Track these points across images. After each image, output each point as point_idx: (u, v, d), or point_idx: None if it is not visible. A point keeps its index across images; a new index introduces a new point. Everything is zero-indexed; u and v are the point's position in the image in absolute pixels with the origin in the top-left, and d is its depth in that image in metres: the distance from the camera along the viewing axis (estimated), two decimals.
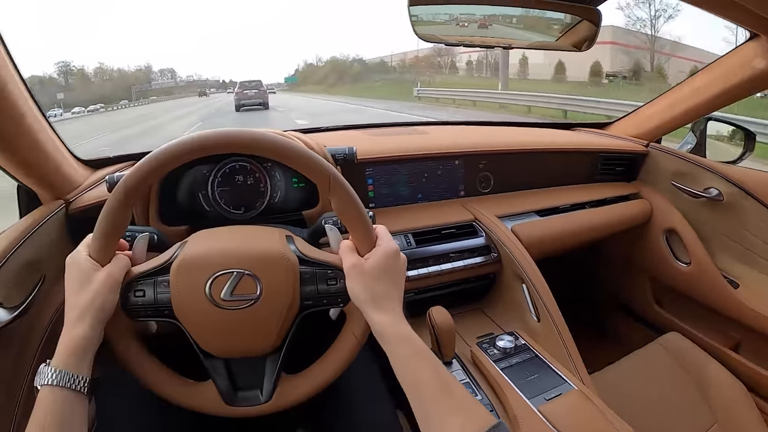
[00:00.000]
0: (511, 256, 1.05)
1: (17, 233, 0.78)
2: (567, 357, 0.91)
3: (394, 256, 0.60)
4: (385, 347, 0.55)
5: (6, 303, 0.70)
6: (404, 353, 0.54)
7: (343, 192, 0.59)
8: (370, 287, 0.57)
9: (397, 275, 0.61)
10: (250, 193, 0.95)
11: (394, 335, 0.55)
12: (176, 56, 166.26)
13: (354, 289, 0.58)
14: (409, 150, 1.17)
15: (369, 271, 0.58)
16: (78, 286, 0.55)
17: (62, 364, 0.50)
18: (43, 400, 0.48)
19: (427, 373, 0.52)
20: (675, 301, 1.42)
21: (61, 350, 0.52)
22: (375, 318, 0.56)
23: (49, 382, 0.49)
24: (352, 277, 0.58)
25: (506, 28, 1.01)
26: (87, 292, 0.54)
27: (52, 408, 0.48)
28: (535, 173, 1.32)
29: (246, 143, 0.58)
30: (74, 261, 0.57)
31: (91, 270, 0.55)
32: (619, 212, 1.33)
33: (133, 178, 0.56)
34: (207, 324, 0.58)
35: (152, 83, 66.12)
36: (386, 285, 0.58)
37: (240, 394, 0.63)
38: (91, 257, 0.57)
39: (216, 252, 0.60)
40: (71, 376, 0.50)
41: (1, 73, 0.66)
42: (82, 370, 0.51)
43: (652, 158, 1.42)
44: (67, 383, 0.49)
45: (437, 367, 0.52)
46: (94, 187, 1.01)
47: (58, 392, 0.49)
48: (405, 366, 0.53)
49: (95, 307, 0.54)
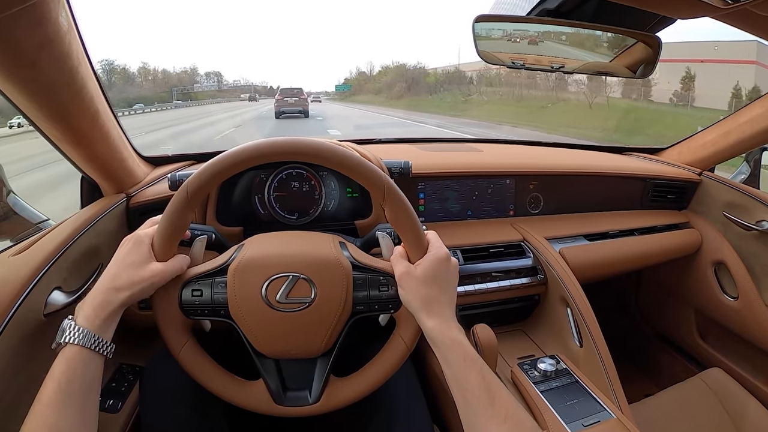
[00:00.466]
0: (558, 279, 1.05)
1: (79, 222, 0.83)
2: (608, 385, 0.91)
3: (445, 261, 0.61)
4: (436, 351, 0.57)
5: (65, 287, 0.75)
6: (454, 357, 0.55)
7: (397, 200, 0.61)
8: (420, 293, 0.59)
9: (448, 280, 0.62)
10: (304, 200, 0.99)
11: (444, 340, 0.56)
12: (223, 60, 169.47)
13: (406, 296, 0.60)
14: (462, 167, 1.18)
15: (420, 278, 0.59)
16: (130, 263, 0.57)
17: (91, 326, 0.52)
18: (66, 356, 0.50)
19: (475, 377, 0.53)
20: (719, 336, 1.38)
21: (90, 312, 0.53)
22: (427, 323, 0.58)
23: (76, 341, 0.51)
24: (403, 284, 0.60)
25: (557, 45, 1.01)
26: (135, 274, 0.57)
27: (73, 366, 0.50)
28: (585, 196, 1.31)
29: (306, 152, 0.60)
30: (137, 242, 0.59)
31: (149, 258, 0.59)
32: (668, 241, 1.31)
33: (196, 182, 0.59)
34: (261, 325, 0.61)
35: (194, 86, 66.96)
36: (437, 290, 0.59)
37: (289, 394, 0.65)
38: (152, 248, 0.60)
39: (273, 256, 0.62)
40: (97, 338, 0.52)
41: (81, 72, 0.70)
42: (108, 335, 0.54)
43: (705, 187, 1.39)
44: (93, 345, 0.51)
45: (485, 373, 0.53)
46: (154, 184, 1.06)
47: (84, 352, 0.51)
48: (454, 370, 0.54)
49: (135, 290, 0.57)
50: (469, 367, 0.53)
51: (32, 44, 0.55)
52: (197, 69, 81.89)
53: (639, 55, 0.98)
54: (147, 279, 0.57)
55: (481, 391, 0.51)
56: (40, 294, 0.69)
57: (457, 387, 0.54)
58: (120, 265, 0.58)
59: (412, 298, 0.59)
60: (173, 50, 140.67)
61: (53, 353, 0.73)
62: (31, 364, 0.66)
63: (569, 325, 1.03)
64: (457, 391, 0.54)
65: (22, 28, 0.52)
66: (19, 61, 0.56)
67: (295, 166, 0.99)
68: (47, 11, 0.54)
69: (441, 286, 0.60)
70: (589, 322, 0.99)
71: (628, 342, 1.62)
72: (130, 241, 0.60)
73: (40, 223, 0.94)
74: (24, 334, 0.65)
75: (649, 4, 0.64)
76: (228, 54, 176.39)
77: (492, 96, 31.09)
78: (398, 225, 0.62)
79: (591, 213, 1.31)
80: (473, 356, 0.54)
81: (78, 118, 0.75)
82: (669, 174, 1.39)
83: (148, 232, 0.61)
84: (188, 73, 76.55)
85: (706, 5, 0.55)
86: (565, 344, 1.03)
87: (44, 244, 0.75)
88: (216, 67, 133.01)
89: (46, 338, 0.70)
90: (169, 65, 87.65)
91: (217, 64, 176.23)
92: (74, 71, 0.67)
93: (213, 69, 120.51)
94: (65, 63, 0.64)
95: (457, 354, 0.54)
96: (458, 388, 0.54)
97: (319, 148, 0.60)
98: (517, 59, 1.02)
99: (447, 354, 0.55)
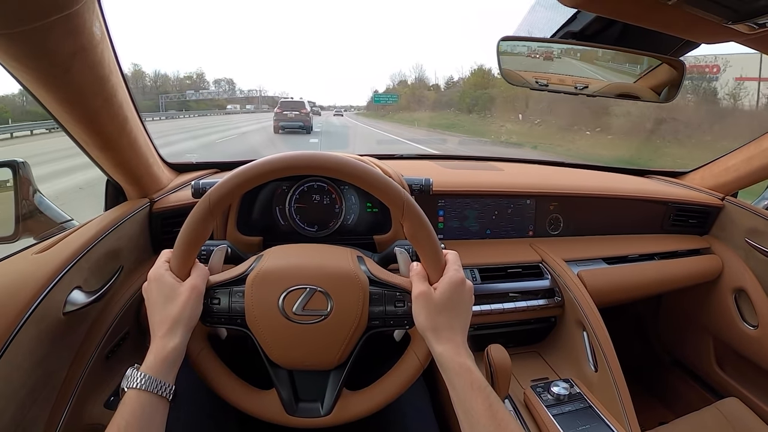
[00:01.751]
0: (575, 302, 1.05)
1: (103, 224, 0.85)
2: (621, 411, 0.91)
3: (460, 285, 0.62)
4: (444, 375, 0.58)
5: (85, 287, 0.77)
6: (461, 384, 0.55)
7: (415, 217, 0.62)
8: (433, 317, 0.59)
9: (463, 305, 0.62)
10: (324, 213, 1.01)
11: (453, 365, 0.56)
12: (240, 68, 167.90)
13: (419, 317, 0.61)
14: (483, 186, 1.20)
15: (435, 302, 0.60)
16: (165, 300, 0.59)
17: (153, 372, 0.55)
18: (129, 401, 0.52)
19: (481, 406, 0.53)
20: (737, 365, 1.37)
21: (151, 360, 0.56)
22: (437, 348, 0.58)
23: (137, 386, 0.53)
24: (418, 305, 0.61)
25: (581, 64, 1.02)
26: (175, 305, 0.59)
27: (136, 409, 0.52)
28: (605, 219, 1.32)
29: (327, 166, 0.62)
30: (157, 277, 0.61)
31: (176, 284, 0.60)
32: (688, 267, 1.31)
33: (218, 193, 0.61)
34: (277, 335, 0.62)
35: (200, 92, 61.43)
36: (450, 316, 0.60)
37: (301, 405, 0.66)
38: (171, 271, 0.61)
39: (291, 267, 0.64)
40: (159, 382, 0.54)
41: (112, 80, 0.72)
42: (169, 378, 0.56)
43: (727, 212, 1.38)
44: (155, 389, 0.54)
45: (492, 402, 0.53)
46: (177, 190, 1.09)
47: (145, 396, 0.53)
48: (461, 396, 0.55)
49: (185, 317, 0.59)
50: (475, 394, 0.54)
51: (66, 52, 0.58)
52: (204, 74, 76.16)
53: (663, 78, 0.98)
54: (186, 301, 0.59)
55: (486, 419, 0.52)
56: (61, 293, 0.71)
57: (463, 412, 0.54)
58: (156, 307, 0.60)
59: (424, 321, 0.60)
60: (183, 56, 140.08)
61: (71, 351, 0.76)
62: (48, 361, 0.69)
63: (585, 349, 1.03)
64: (462, 417, 0.54)
65: (57, 36, 0.54)
66: (54, 68, 0.59)
67: (316, 179, 1.00)
68: (82, 21, 0.56)
69: (455, 311, 0.61)
70: (605, 347, 0.99)
71: (643, 368, 1.61)
72: (151, 279, 0.61)
73: (64, 223, 0.97)
74: (43, 331, 0.67)
75: (674, 29, 0.64)
76: (245, 62, 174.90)
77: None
78: (416, 241, 0.63)
79: (611, 236, 1.32)
80: (481, 383, 0.55)
81: (107, 124, 0.77)
82: (691, 198, 1.38)
83: (161, 264, 0.62)
84: (193, 80, 71.05)
85: (731, 31, 0.55)
86: (579, 368, 1.04)
87: (67, 244, 0.78)
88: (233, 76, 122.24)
89: (65, 336, 0.73)
90: (174, 70, 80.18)
91: (232, 72, 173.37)
92: (105, 79, 0.69)
93: (224, 76, 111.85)
94: (97, 71, 0.66)
95: (465, 380, 0.55)
96: (464, 413, 0.54)
97: (339, 162, 0.62)
98: (540, 78, 1.03)
99: (454, 379, 0.56)
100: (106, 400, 0.82)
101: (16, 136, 14.96)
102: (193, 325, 0.60)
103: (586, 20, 0.89)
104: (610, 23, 0.88)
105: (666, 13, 0.55)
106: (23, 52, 0.55)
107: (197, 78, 72.65)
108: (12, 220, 0.88)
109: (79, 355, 0.77)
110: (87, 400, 0.78)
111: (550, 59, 1.00)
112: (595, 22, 0.88)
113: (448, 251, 0.66)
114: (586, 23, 0.90)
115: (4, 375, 0.60)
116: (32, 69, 0.59)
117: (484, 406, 0.52)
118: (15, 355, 0.62)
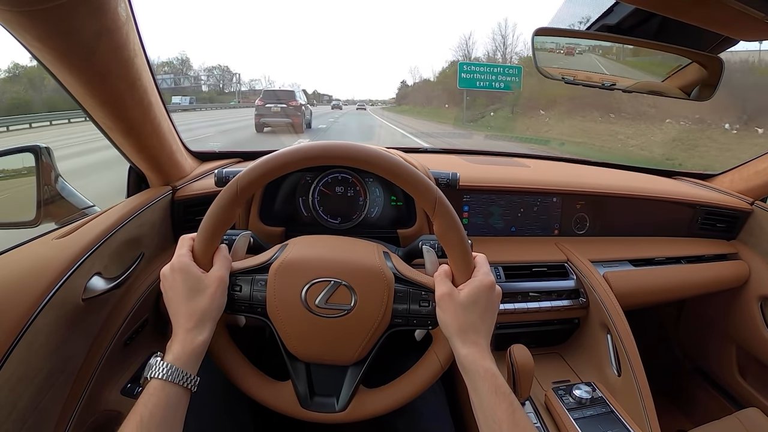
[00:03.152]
0: (601, 304, 1.04)
1: (124, 211, 0.85)
2: (644, 417, 0.90)
3: (489, 290, 0.61)
4: (467, 378, 0.57)
5: (105, 273, 0.78)
6: (484, 388, 0.54)
7: (447, 217, 0.61)
8: (459, 319, 0.59)
9: (489, 310, 0.61)
10: (348, 205, 1.00)
11: (477, 369, 0.56)
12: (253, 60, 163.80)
13: (443, 318, 0.60)
14: (509, 182, 1.19)
15: (461, 303, 0.59)
16: (190, 292, 0.58)
17: (179, 363, 0.54)
18: (154, 391, 0.52)
19: (503, 413, 0.52)
20: (760, 375, 1.36)
21: (179, 351, 0.55)
22: (460, 350, 0.58)
23: (162, 377, 0.52)
24: (443, 306, 0.60)
25: (609, 62, 1.01)
26: (203, 298, 0.58)
27: (160, 400, 0.51)
28: (632, 220, 1.30)
29: (358, 158, 0.61)
30: (183, 267, 0.59)
31: (202, 276, 0.59)
32: (714, 272, 1.29)
33: (247, 178, 0.60)
34: (297, 327, 0.61)
35: (180, 79, 48.74)
36: (476, 318, 0.59)
37: (316, 400, 0.66)
38: (194, 257, 0.61)
39: (316, 259, 0.63)
40: (185, 374, 0.54)
41: (137, 64, 0.71)
42: (194, 370, 0.56)
43: (756, 218, 1.36)
44: (180, 380, 0.53)
45: (515, 409, 0.53)
46: (200, 179, 1.09)
47: (170, 387, 0.52)
48: (482, 401, 0.54)
49: (213, 309, 0.59)
50: (500, 400, 0.53)
51: (90, 32, 0.57)
52: (189, 60, 59.28)
53: (694, 77, 0.97)
54: (213, 293, 0.59)
55: (508, 425, 0.51)
56: (81, 278, 0.72)
57: (484, 418, 0.54)
58: (181, 299, 0.59)
59: (449, 322, 0.59)
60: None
61: (89, 337, 0.77)
62: (66, 345, 0.69)
63: (608, 352, 1.02)
64: (483, 422, 0.54)
65: (81, 16, 0.54)
66: (77, 49, 0.59)
67: (341, 170, 1.00)
68: (106, 1, 0.56)
69: (481, 314, 0.60)
70: (629, 351, 0.98)
71: (663, 373, 1.59)
72: (175, 270, 0.60)
73: (85, 209, 0.97)
74: (62, 316, 0.67)
75: (714, 25, 0.64)
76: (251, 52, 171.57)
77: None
78: (446, 241, 0.62)
79: (637, 237, 1.30)
80: (505, 389, 0.54)
81: (131, 109, 0.77)
82: (720, 202, 1.36)
83: (184, 252, 0.61)
84: (174, 66, 55.03)
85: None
86: (602, 371, 1.03)
87: (88, 229, 0.78)
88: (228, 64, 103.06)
89: (83, 322, 0.74)
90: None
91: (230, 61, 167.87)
92: (130, 62, 0.69)
93: (217, 63, 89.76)
94: (122, 53, 0.66)
95: (489, 384, 0.54)
96: (485, 418, 0.53)
97: (371, 154, 0.61)
98: (567, 75, 1.02)
99: (478, 383, 0.55)
100: (123, 386, 0.83)
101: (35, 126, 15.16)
102: (219, 317, 0.60)
103: (624, 13, 0.88)
104: (648, 17, 0.86)
105: (708, 7, 0.54)
106: (46, 32, 0.54)
107: (180, 64, 57.04)
108: (33, 204, 0.88)
109: (98, 341, 0.78)
110: (104, 387, 0.79)
111: (572, 55, 0.99)
112: (632, 15, 0.87)
113: (477, 254, 0.65)
114: (624, 16, 0.89)
115: (23, 359, 0.61)
116: (56, 50, 0.58)
117: (507, 413, 0.52)
118: (33, 340, 0.62)
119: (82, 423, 0.72)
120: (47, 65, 0.62)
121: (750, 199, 1.39)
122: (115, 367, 0.82)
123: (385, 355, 0.70)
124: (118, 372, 0.83)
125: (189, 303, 0.58)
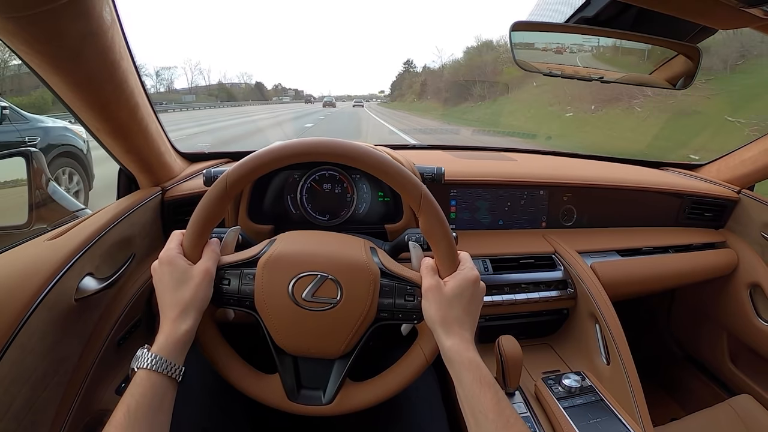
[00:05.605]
0: (588, 294, 1.07)
1: (115, 212, 0.88)
2: (633, 405, 0.93)
3: (474, 283, 0.63)
4: (451, 371, 0.59)
5: (97, 274, 0.80)
6: (468, 379, 0.56)
7: (432, 212, 0.63)
8: (444, 311, 0.61)
9: (473, 303, 0.63)
10: (336, 202, 1.03)
11: (461, 360, 0.57)
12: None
13: (428, 310, 0.62)
14: (496, 175, 1.21)
15: (446, 295, 0.61)
16: (176, 283, 0.61)
17: (164, 353, 0.56)
18: (140, 381, 0.53)
19: (488, 402, 0.53)
20: (751, 361, 1.39)
21: (163, 341, 0.57)
22: (445, 342, 0.60)
23: (148, 366, 0.54)
24: (428, 298, 0.62)
25: (594, 57, 1.04)
26: (188, 288, 0.60)
27: (146, 389, 0.53)
28: (619, 211, 1.33)
29: (345, 154, 0.63)
30: (170, 260, 0.62)
31: (188, 267, 0.62)
32: (703, 260, 1.33)
33: (236, 173, 0.63)
34: (284, 320, 0.63)
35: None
36: (460, 311, 0.61)
37: (303, 393, 0.67)
38: (183, 251, 0.63)
39: (303, 254, 0.65)
40: (170, 363, 0.56)
41: (123, 66, 0.74)
42: (179, 360, 0.58)
43: (743, 206, 1.40)
44: (165, 370, 0.55)
45: (500, 399, 0.54)
46: (189, 179, 1.12)
47: (155, 376, 0.54)
48: (467, 392, 0.55)
49: (197, 301, 0.60)
50: (484, 390, 0.54)
51: (76, 36, 0.59)
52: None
53: (679, 68, 0.99)
54: (198, 284, 0.61)
55: (494, 414, 0.52)
56: (72, 279, 0.73)
57: (470, 408, 0.55)
58: (166, 290, 0.61)
59: (434, 314, 0.61)
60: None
61: (83, 337, 0.79)
62: (60, 347, 0.71)
63: (597, 342, 1.05)
64: (468, 412, 0.55)
65: (66, 20, 0.56)
66: (64, 52, 0.61)
67: (328, 167, 1.02)
68: (91, 5, 0.58)
69: (466, 307, 0.62)
70: (617, 340, 1.01)
71: (655, 362, 1.63)
72: (162, 262, 0.62)
73: (77, 212, 1.00)
74: (54, 317, 0.69)
75: (690, 14, 0.65)
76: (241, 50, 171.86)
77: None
78: (431, 236, 0.64)
79: (625, 228, 1.33)
80: (489, 380, 0.55)
81: (118, 111, 0.79)
82: (707, 191, 1.40)
83: (173, 246, 0.64)
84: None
85: (748, 16, 0.57)
86: (591, 361, 1.05)
87: (79, 231, 0.80)
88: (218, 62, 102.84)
89: (76, 322, 0.76)
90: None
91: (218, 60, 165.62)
92: (116, 65, 0.71)
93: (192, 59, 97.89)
94: (107, 56, 0.68)
95: (473, 375, 0.56)
96: (470, 409, 0.55)
97: (357, 151, 0.63)
98: (554, 68, 1.05)
99: (462, 374, 0.56)
100: (117, 386, 0.85)
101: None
102: (204, 307, 0.62)
103: (600, 5, 0.89)
104: (625, 8, 0.88)
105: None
106: (33, 36, 0.56)
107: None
108: (26, 208, 0.90)
109: (91, 341, 0.80)
110: (98, 386, 0.81)
111: (560, 53, 1.01)
112: (609, 7, 0.88)
113: (461, 252, 0.67)
114: (600, 8, 0.91)
115: (17, 359, 0.62)
116: (42, 54, 0.60)
117: (492, 402, 0.53)
118: (27, 340, 0.64)
119: (78, 423, 0.74)
120: (35, 68, 0.64)
121: (737, 187, 1.42)
122: (109, 366, 0.84)
123: (371, 350, 0.72)
124: (112, 372, 0.85)
125: (174, 294, 0.60)
